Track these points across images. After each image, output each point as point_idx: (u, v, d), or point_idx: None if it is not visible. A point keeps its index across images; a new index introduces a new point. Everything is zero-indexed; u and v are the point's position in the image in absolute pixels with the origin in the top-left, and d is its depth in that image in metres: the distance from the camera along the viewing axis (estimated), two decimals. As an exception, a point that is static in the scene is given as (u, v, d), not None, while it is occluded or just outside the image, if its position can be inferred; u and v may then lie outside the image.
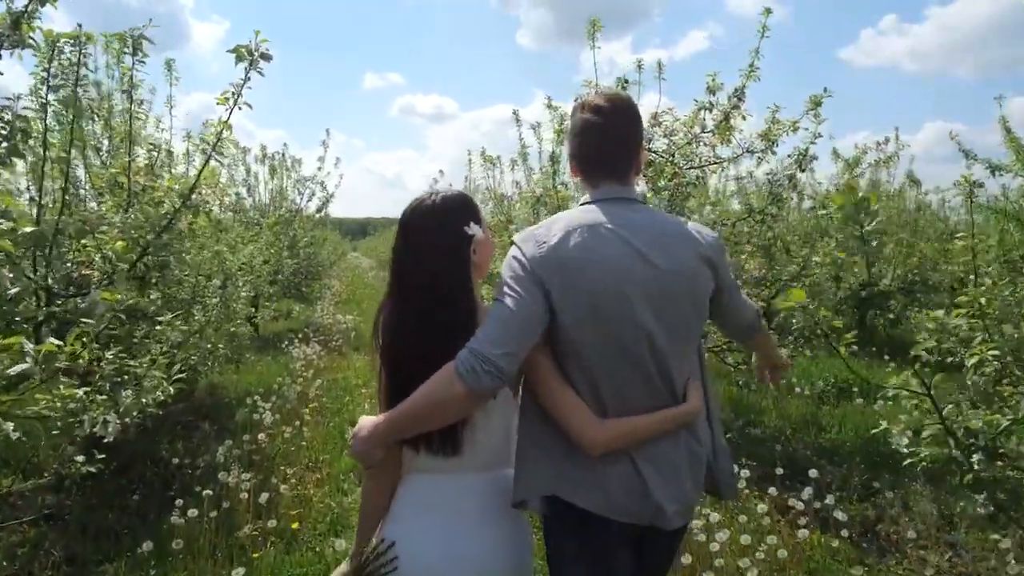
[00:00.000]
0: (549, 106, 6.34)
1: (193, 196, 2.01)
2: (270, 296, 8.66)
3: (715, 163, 4.63)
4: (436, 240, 1.34)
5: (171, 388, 2.29)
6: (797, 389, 5.40)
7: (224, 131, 2.02)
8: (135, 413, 2.27)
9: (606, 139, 1.43)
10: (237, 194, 9.35)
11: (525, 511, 1.42)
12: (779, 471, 3.43)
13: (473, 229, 1.35)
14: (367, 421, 1.31)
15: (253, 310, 9.04)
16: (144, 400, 2.24)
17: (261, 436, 4.02)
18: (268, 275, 7.06)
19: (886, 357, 7.04)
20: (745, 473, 3.25)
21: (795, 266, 4.84)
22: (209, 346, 3.96)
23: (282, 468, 3.86)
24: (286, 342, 7.64)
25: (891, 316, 7.35)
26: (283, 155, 9.49)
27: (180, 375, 2.34)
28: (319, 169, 9.50)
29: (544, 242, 1.30)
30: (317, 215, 9.78)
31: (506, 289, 1.27)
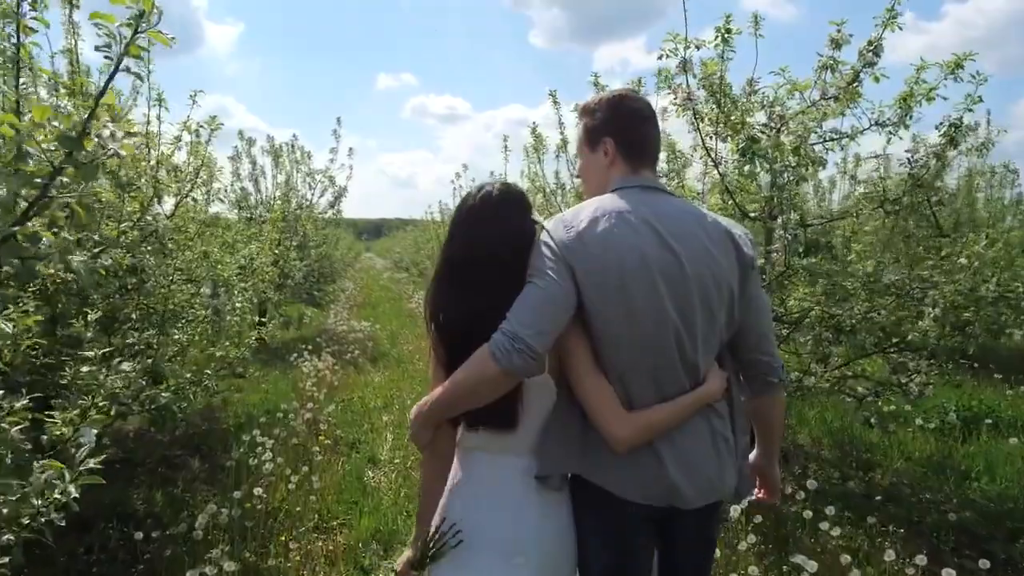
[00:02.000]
0: (596, 84, 5.52)
1: (88, 142, 1.04)
2: (278, 303, 7.76)
3: (834, 139, 3.65)
4: (524, 223, 1.41)
5: (75, 490, 1.36)
6: (919, 421, 4.38)
7: (148, 11, 1.02)
8: (25, 521, 1.33)
9: (656, 132, 1.49)
10: (242, 189, 8.47)
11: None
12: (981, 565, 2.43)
13: (537, 217, 1.43)
14: (417, 405, 1.38)
15: (259, 319, 8.18)
16: (39, 503, 1.31)
17: (258, 491, 3.09)
18: (274, 278, 6.12)
19: (996, 375, 6.01)
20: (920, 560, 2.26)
21: (929, 272, 3.82)
22: (189, 375, 3.04)
23: (282, 538, 2.92)
24: (295, 354, 6.71)
25: (996, 327, 6.30)
26: (292, 146, 8.59)
27: (91, 471, 1.41)
28: (331, 161, 8.58)
29: (572, 227, 1.33)
30: (330, 211, 8.85)
31: (535, 272, 1.30)
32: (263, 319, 8.38)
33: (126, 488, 3.76)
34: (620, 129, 1.45)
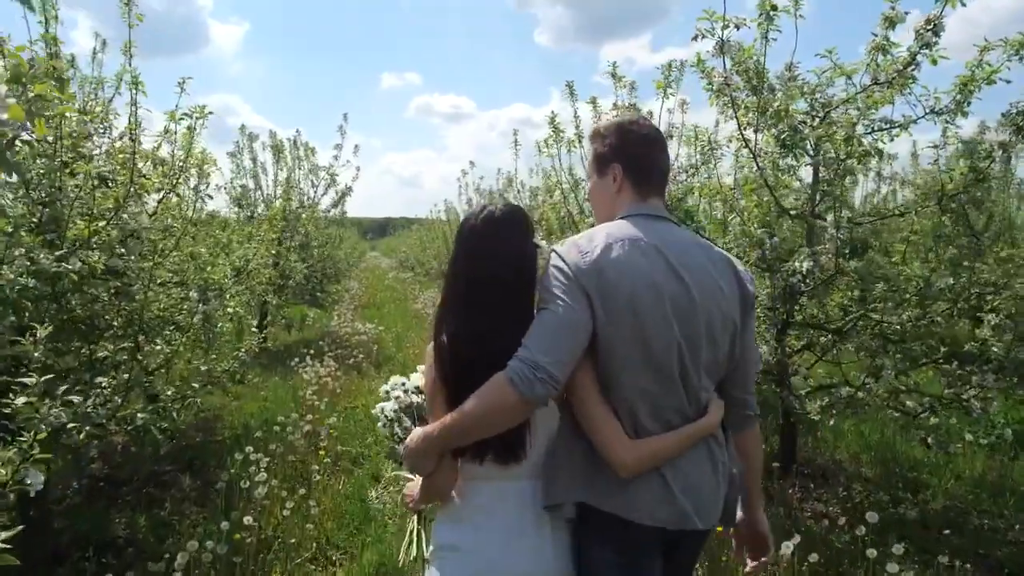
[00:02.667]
0: (614, 75, 5.27)
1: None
2: (279, 305, 7.46)
3: (883, 128, 3.30)
4: (526, 244, 1.39)
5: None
6: (969, 436, 4.03)
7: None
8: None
9: (664, 159, 1.50)
10: (243, 186, 8.18)
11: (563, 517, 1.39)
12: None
13: (538, 240, 1.42)
14: (417, 432, 1.33)
15: (260, 323, 7.86)
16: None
17: (248, 519, 2.78)
18: (272, 280, 5.80)
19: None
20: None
21: (988, 275, 3.47)
22: (172, 391, 2.72)
23: (275, 575, 2.61)
24: (296, 358, 6.39)
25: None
26: (295, 142, 8.27)
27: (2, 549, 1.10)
28: (335, 158, 8.26)
29: (587, 252, 1.31)
30: (333, 210, 8.54)
31: (551, 297, 1.28)
32: (264, 322, 8.09)
33: (108, 510, 3.46)
34: (628, 156, 1.45)
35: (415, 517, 1.63)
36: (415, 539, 1.62)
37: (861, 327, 3.41)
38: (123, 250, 2.54)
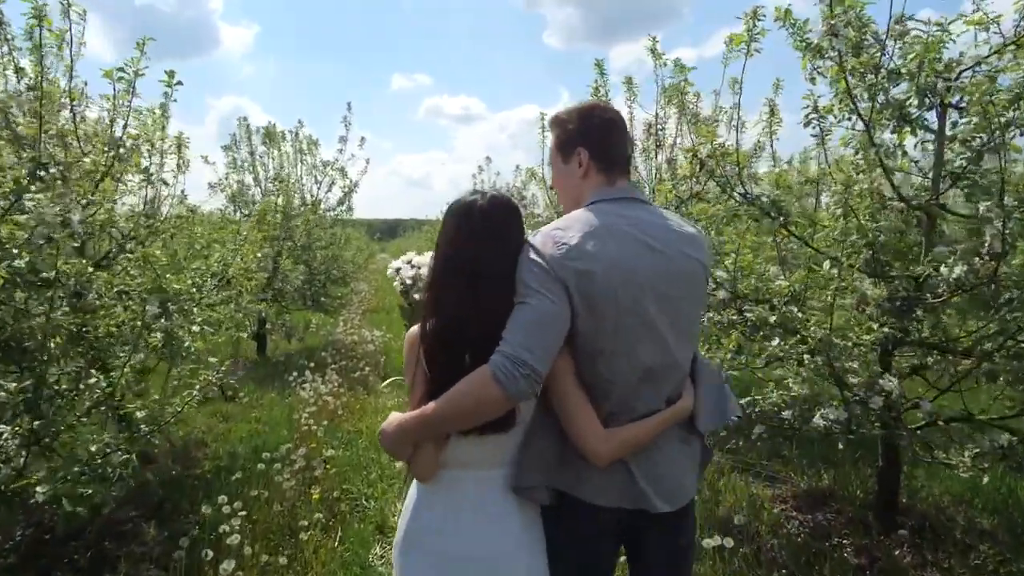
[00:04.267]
0: (653, 51, 4.77)
1: None
2: (278, 312, 6.78)
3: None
4: (518, 231, 1.37)
5: None
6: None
7: None
8: None
9: (626, 140, 1.49)
10: (239, 181, 7.53)
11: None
12: None
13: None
14: (395, 417, 1.32)
15: (259, 331, 7.18)
16: None
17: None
18: (260, 286, 5.09)
19: None
20: None
21: None
22: (95, 447, 2.02)
23: None
24: (295, 372, 5.68)
25: None
26: (296, 133, 7.59)
27: None
28: (340, 152, 7.57)
29: (564, 243, 1.30)
30: (339, 207, 7.84)
31: (529, 291, 1.26)
32: (263, 330, 7.42)
33: (52, 567, 2.77)
34: (594, 140, 1.44)
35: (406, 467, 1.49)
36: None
37: (995, 348, 2.67)
38: (26, 253, 1.85)
